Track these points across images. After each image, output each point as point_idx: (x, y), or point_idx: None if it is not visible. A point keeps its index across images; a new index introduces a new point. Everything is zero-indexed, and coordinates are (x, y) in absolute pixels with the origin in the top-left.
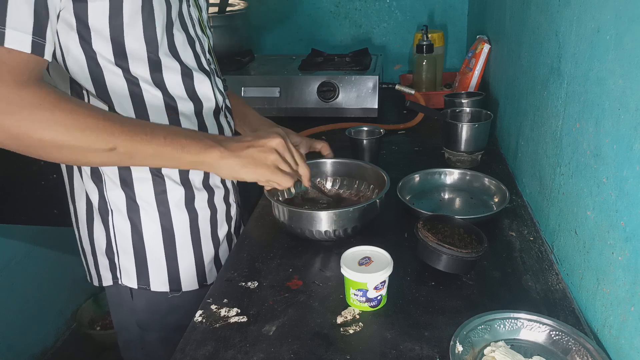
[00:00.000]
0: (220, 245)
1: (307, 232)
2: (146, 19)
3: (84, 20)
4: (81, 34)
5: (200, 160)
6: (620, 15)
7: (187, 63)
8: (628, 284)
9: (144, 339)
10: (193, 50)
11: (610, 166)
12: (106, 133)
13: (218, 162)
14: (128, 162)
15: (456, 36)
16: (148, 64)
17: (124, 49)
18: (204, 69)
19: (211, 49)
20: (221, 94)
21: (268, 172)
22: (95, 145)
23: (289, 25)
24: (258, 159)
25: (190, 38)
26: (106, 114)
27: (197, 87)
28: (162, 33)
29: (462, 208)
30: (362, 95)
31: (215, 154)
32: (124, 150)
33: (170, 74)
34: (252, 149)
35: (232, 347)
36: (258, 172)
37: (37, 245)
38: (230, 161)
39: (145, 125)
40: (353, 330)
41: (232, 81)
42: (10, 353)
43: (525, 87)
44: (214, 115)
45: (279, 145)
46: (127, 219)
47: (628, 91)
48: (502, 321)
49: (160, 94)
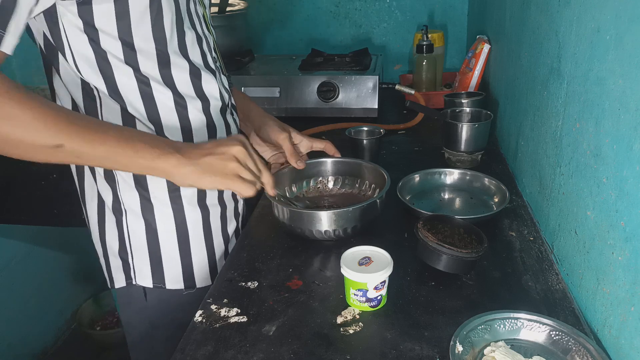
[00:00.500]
0: (229, 241)
1: (307, 231)
2: (155, 17)
3: (90, 22)
4: (89, 34)
5: (154, 166)
6: (620, 15)
7: (195, 61)
8: (628, 284)
9: (153, 338)
10: (200, 49)
11: (610, 166)
12: (53, 129)
13: (173, 169)
14: (75, 161)
15: (456, 36)
16: (157, 62)
17: (133, 47)
18: (210, 67)
19: (216, 46)
20: (227, 92)
21: (227, 180)
22: (42, 141)
23: (289, 25)
24: (217, 167)
25: (198, 36)
26: (57, 110)
27: (205, 85)
28: (171, 30)
29: (462, 208)
30: (362, 95)
31: (171, 161)
32: (70, 148)
33: (179, 73)
34: (210, 156)
35: (232, 347)
36: (216, 180)
37: (37, 245)
38: (186, 169)
39: (98, 125)
40: (353, 330)
41: (232, 81)
42: (10, 353)
43: (525, 87)
44: (220, 112)
45: (239, 153)
46: (142, 218)
47: (628, 91)
48: (502, 321)
49: (170, 92)
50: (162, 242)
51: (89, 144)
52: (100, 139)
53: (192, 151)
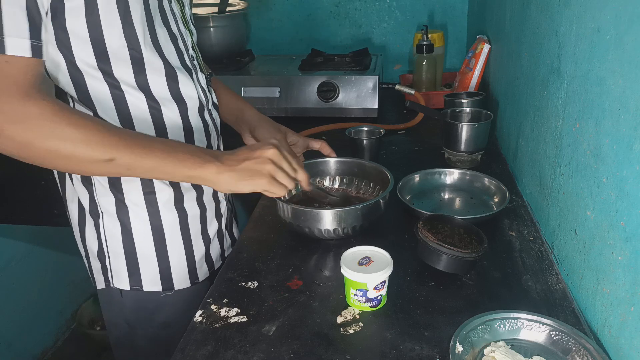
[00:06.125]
0: (211, 242)
1: (308, 230)
2: (123, 13)
3: (62, 24)
4: (59, 38)
5: (197, 175)
6: (620, 15)
7: (170, 60)
8: (628, 284)
9: (133, 337)
10: (176, 47)
11: (610, 166)
12: (106, 145)
13: (215, 176)
14: (126, 173)
15: (456, 36)
16: (132, 65)
17: (105, 49)
18: (187, 66)
19: (194, 44)
20: (204, 91)
21: (265, 182)
22: (95, 156)
23: (289, 25)
24: (254, 171)
25: (173, 35)
26: (106, 125)
27: (182, 88)
28: (142, 28)
29: (462, 208)
30: (362, 95)
31: (212, 169)
32: (122, 162)
33: (155, 76)
34: (247, 161)
35: (232, 347)
36: (255, 183)
37: (37, 245)
38: (227, 175)
39: (144, 139)
40: (353, 330)
41: (232, 81)
42: (10, 353)
43: (525, 87)
44: (199, 113)
45: (274, 156)
46: (117, 220)
47: (628, 91)
48: (502, 321)
49: (144, 96)
50: (138, 244)
51: (137, 157)
52: (147, 152)
53: (230, 157)
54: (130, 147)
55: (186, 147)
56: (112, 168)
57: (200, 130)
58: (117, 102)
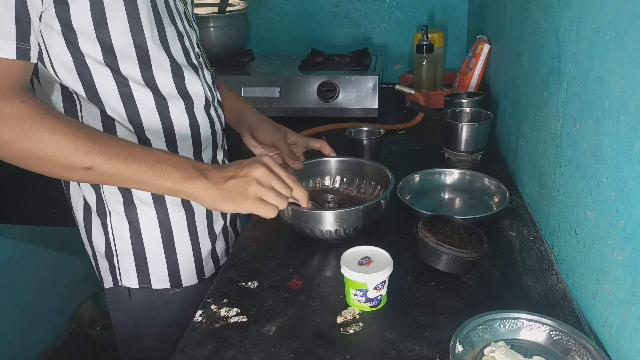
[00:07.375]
0: (217, 239)
1: (310, 231)
2: (130, 11)
3: (67, 23)
4: (67, 37)
5: (180, 189)
6: (620, 15)
7: (177, 58)
8: (628, 284)
9: (140, 337)
10: (182, 45)
11: (610, 166)
12: (84, 152)
13: (198, 193)
14: (106, 181)
15: (456, 36)
16: (138, 62)
17: (111, 46)
18: (193, 63)
19: (199, 42)
20: (210, 88)
21: (249, 203)
22: (73, 162)
23: (289, 25)
24: (239, 192)
25: (179, 32)
26: (87, 132)
27: (188, 85)
28: (150, 26)
29: (462, 208)
30: (362, 95)
31: (196, 185)
32: (101, 170)
33: (161, 73)
34: (233, 180)
35: (232, 347)
36: (238, 204)
37: (37, 245)
38: (210, 193)
39: (126, 147)
40: (353, 330)
41: (232, 81)
42: (10, 353)
43: (525, 87)
44: (205, 109)
45: (260, 175)
46: (126, 219)
47: (628, 91)
48: (502, 321)
49: (151, 93)
50: (146, 243)
51: (117, 166)
52: (128, 161)
53: (216, 174)
54: (110, 156)
55: (171, 159)
56: (91, 176)
57: (206, 126)
58: (124, 98)
